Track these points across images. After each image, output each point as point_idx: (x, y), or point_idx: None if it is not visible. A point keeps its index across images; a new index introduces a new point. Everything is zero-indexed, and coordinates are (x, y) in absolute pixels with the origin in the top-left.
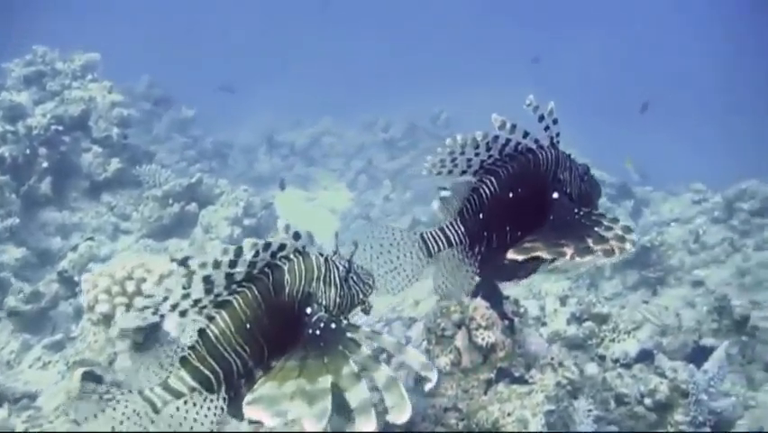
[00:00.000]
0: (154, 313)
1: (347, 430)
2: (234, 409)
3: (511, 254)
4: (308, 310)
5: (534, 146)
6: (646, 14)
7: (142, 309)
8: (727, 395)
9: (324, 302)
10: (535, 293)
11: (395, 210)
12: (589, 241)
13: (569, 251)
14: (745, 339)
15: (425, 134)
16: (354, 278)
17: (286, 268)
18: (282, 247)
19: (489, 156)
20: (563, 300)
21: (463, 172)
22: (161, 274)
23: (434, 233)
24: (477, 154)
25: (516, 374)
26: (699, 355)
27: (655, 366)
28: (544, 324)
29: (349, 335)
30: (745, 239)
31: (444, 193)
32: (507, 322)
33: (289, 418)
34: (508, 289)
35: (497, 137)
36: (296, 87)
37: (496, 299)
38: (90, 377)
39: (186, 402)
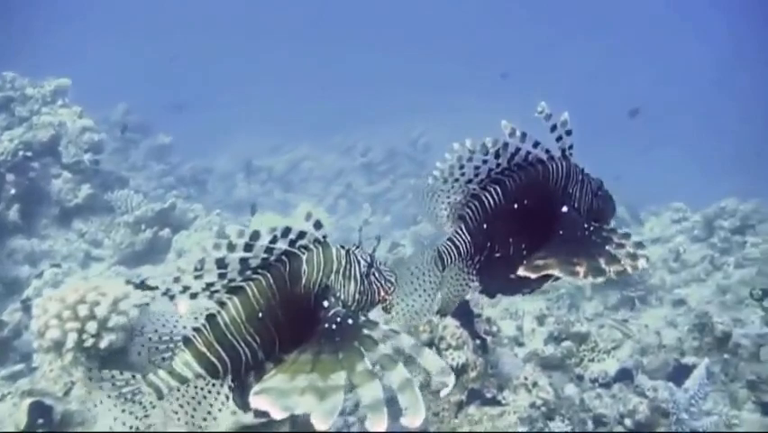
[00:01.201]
0: (164, 294)
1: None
2: (240, 400)
3: (523, 271)
4: (325, 304)
5: (544, 157)
6: (628, 38)
7: (152, 289)
8: (709, 414)
9: (342, 297)
10: (512, 312)
11: (374, 234)
12: (602, 261)
13: (581, 270)
14: (728, 357)
15: (404, 158)
16: (376, 274)
17: (304, 258)
18: (302, 235)
19: (498, 165)
20: (541, 320)
21: (470, 181)
22: (116, 297)
23: (447, 246)
24: (485, 162)
25: (489, 395)
26: (680, 374)
27: (635, 386)
28: (521, 344)
29: (366, 331)
30: (726, 257)
31: (453, 200)
32: (478, 341)
33: (297, 412)
34: (485, 308)
35: (506, 144)
36: (274, 112)
37: (467, 318)
38: (38, 408)
39: (188, 389)
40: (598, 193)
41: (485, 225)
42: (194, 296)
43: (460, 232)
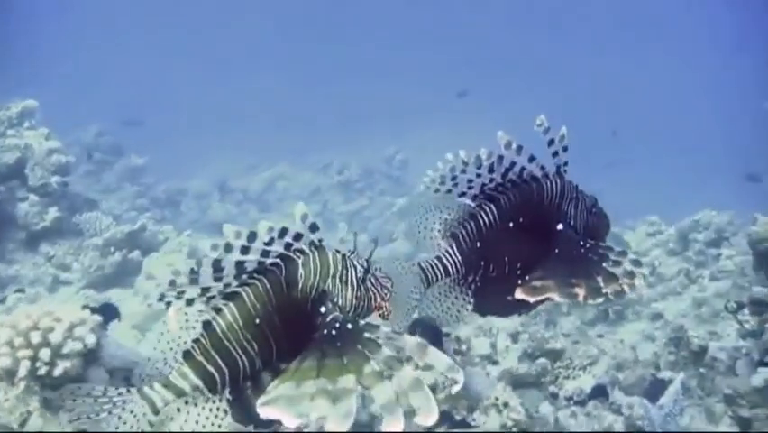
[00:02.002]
0: (159, 300)
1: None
2: (239, 414)
3: (522, 294)
4: (322, 309)
5: (539, 173)
6: (605, 61)
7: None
8: (686, 430)
9: (339, 302)
10: (486, 330)
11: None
12: (599, 280)
13: (581, 292)
14: (704, 371)
15: (381, 176)
16: (372, 280)
17: (300, 262)
18: (298, 237)
19: (491, 180)
20: (515, 337)
21: (462, 194)
22: (71, 323)
23: (432, 262)
24: (479, 175)
25: (458, 418)
26: (657, 389)
27: (610, 403)
28: (495, 362)
29: (367, 335)
30: (701, 270)
31: (446, 217)
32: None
33: (312, 418)
34: (459, 328)
35: (501, 158)
36: (249, 132)
37: (435, 337)
38: None
39: (187, 403)
40: (593, 210)
41: (479, 244)
42: (190, 302)
43: (450, 251)
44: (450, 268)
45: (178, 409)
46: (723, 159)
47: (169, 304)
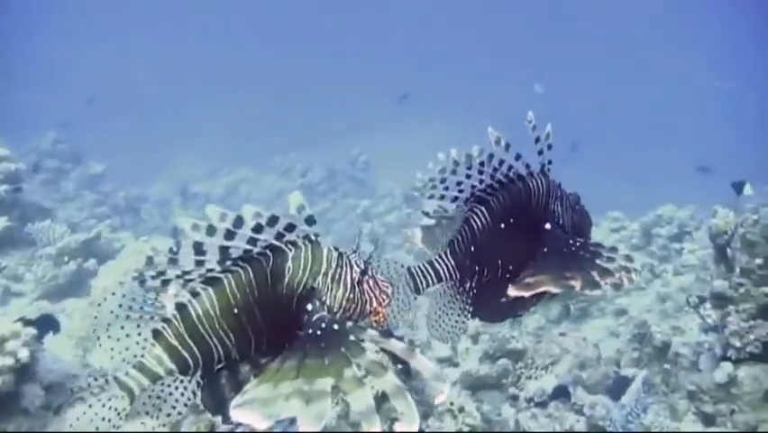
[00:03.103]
0: (135, 278)
1: None
2: (212, 402)
3: (515, 291)
4: (309, 307)
5: (524, 172)
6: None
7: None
8: (649, 429)
9: (327, 302)
10: None
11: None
12: (594, 274)
13: (577, 283)
14: (668, 367)
15: (344, 178)
16: (370, 282)
17: (290, 254)
18: (290, 228)
19: (481, 181)
20: (475, 338)
21: (455, 198)
22: (2, 337)
23: (422, 267)
24: (468, 176)
25: None
26: (620, 387)
27: (572, 403)
28: (455, 364)
29: (353, 338)
30: (665, 264)
31: (427, 221)
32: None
33: (282, 418)
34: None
35: (491, 156)
36: (208, 137)
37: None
38: None
39: (162, 387)
40: (576, 208)
41: (473, 249)
42: (165, 283)
43: (444, 257)
44: (442, 273)
45: (150, 396)
46: (686, 153)
47: (143, 283)
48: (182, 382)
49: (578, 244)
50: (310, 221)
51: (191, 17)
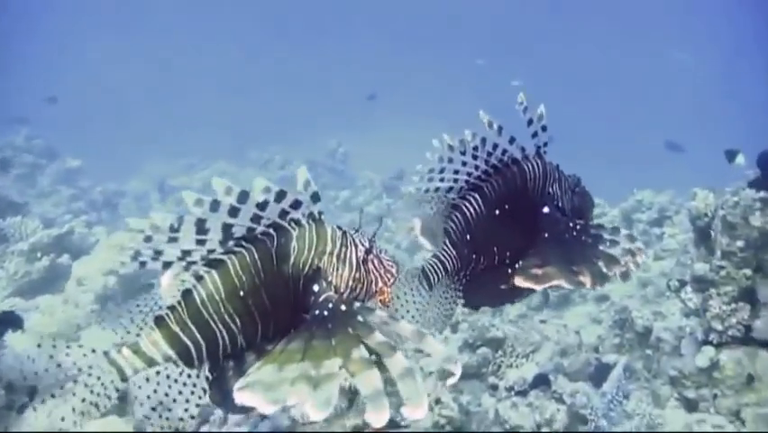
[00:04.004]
0: (133, 258)
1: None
2: (219, 395)
3: (524, 283)
4: (315, 288)
5: (519, 156)
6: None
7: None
8: (631, 417)
9: (334, 282)
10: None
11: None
12: (601, 264)
13: (586, 280)
14: (650, 352)
15: (324, 170)
16: (375, 262)
17: (294, 234)
18: (296, 205)
19: (476, 167)
20: (455, 327)
21: (450, 189)
22: None
23: (432, 263)
24: (464, 164)
25: None
26: (602, 374)
27: (553, 391)
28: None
29: (361, 318)
30: (645, 249)
31: (426, 211)
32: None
33: (289, 404)
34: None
35: (484, 140)
36: (185, 132)
37: None
38: None
39: (158, 374)
40: (576, 190)
41: (468, 237)
42: (167, 265)
43: (446, 248)
44: (448, 264)
45: (147, 379)
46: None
47: (143, 264)
48: (190, 377)
49: (578, 227)
50: (315, 198)
51: (169, 15)
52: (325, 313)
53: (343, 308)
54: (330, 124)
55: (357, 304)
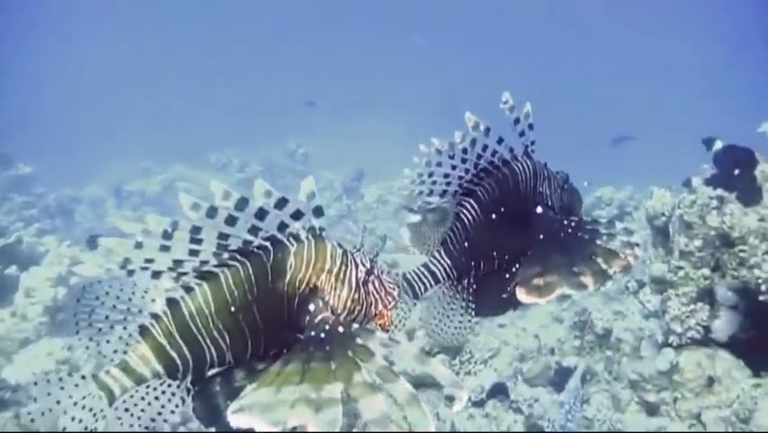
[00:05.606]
0: (122, 267)
1: None
2: (203, 411)
3: (529, 297)
4: (311, 307)
5: (509, 156)
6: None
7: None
8: (590, 426)
9: (331, 302)
10: None
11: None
12: (600, 261)
13: (589, 281)
14: (610, 354)
15: (284, 171)
16: (376, 283)
17: (292, 249)
18: (297, 216)
19: (466, 171)
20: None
21: (444, 192)
22: None
23: (418, 271)
24: (454, 167)
25: None
26: (562, 377)
27: (511, 400)
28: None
29: (360, 341)
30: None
31: (413, 219)
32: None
33: (290, 426)
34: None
35: (474, 141)
36: (139, 135)
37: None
38: None
39: (147, 391)
40: (565, 187)
41: (466, 244)
42: (156, 275)
43: (438, 257)
44: (439, 274)
45: (133, 398)
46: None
47: (131, 273)
48: (170, 385)
49: (573, 225)
50: (318, 212)
51: (126, 15)
52: (322, 335)
53: (341, 329)
54: (289, 124)
55: (355, 326)
